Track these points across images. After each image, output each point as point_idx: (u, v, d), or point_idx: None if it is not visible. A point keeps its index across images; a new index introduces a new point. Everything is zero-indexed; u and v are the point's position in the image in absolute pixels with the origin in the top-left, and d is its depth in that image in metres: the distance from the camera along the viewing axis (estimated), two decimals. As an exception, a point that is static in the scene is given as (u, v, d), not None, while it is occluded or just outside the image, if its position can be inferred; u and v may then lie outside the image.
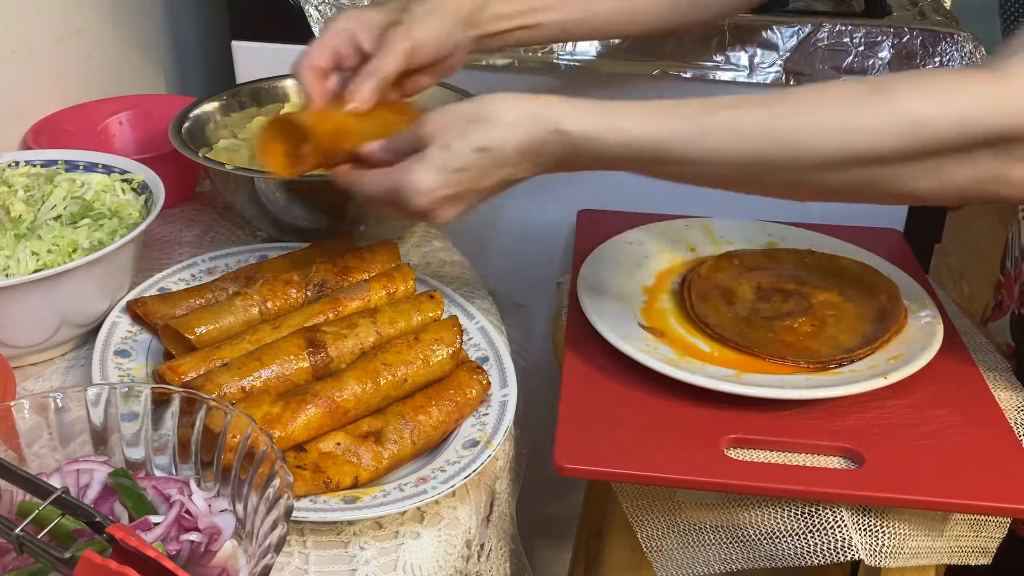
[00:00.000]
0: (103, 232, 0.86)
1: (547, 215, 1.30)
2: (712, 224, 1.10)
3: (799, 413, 0.84)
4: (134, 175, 0.94)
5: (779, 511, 0.81)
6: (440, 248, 1.06)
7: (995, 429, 0.83)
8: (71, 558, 0.55)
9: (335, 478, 0.70)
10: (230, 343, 0.78)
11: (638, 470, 0.78)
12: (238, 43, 1.26)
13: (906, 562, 0.82)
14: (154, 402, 0.67)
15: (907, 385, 0.85)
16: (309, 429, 0.72)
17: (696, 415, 0.83)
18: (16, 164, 0.94)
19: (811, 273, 1.00)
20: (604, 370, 0.88)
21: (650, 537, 0.87)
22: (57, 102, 1.15)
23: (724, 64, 1.17)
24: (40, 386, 0.83)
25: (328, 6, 1.20)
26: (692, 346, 0.91)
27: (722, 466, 0.79)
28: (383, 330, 0.81)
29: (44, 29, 1.13)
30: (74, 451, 0.66)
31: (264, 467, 0.61)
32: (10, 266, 0.80)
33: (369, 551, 0.69)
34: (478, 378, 0.80)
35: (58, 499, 0.58)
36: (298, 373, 0.76)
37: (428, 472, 0.73)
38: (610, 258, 1.02)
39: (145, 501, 0.63)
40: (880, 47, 1.15)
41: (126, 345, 0.83)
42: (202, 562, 0.60)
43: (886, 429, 0.82)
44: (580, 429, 0.82)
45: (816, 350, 0.89)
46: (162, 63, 1.41)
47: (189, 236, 1.06)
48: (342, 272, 0.88)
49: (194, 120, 1.06)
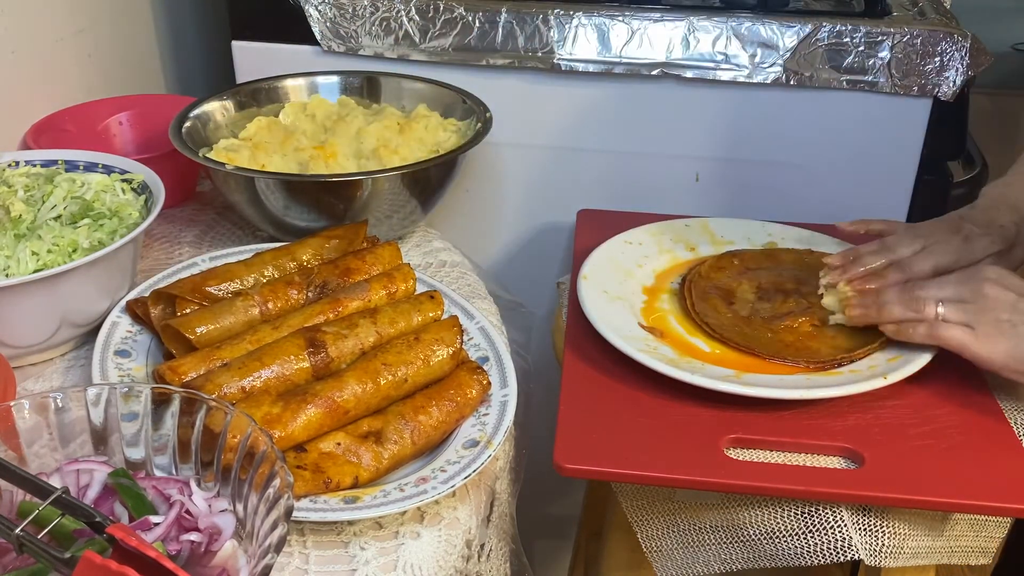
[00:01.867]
0: (103, 232, 0.86)
1: (547, 215, 1.30)
2: (712, 224, 1.10)
3: (799, 413, 0.84)
4: (134, 175, 0.94)
5: (779, 511, 0.81)
6: (440, 248, 1.06)
7: (995, 429, 0.83)
8: (71, 558, 0.55)
9: (335, 478, 0.70)
10: (230, 343, 0.78)
11: (638, 470, 0.78)
12: (238, 43, 1.26)
13: (906, 562, 0.82)
14: (154, 402, 0.67)
15: (907, 385, 0.86)
16: (309, 429, 0.72)
17: (696, 415, 0.83)
18: (16, 164, 0.94)
19: (811, 273, 1.00)
20: (604, 370, 0.88)
21: (650, 537, 0.87)
22: (57, 102, 1.15)
23: (724, 64, 1.17)
24: (40, 386, 0.83)
25: (328, 6, 1.20)
26: (692, 346, 0.91)
27: (722, 466, 0.79)
28: (383, 330, 0.81)
29: (44, 29, 1.13)
30: (74, 451, 0.66)
31: (264, 467, 0.61)
32: (10, 266, 0.80)
33: (369, 551, 0.69)
34: (478, 378, 0.80)
35: (58, 499, 0.58)
36: (298, 373, 0.76)
37: (428, 472, 0.73)
38: (610, 258, 1.02)
39: (145, 501, 0.63)
40: (880, 47, 1.15)
41: (126, 345, 0.83)
42: (202, 562, 0.60)
43: (886, 429, 0.83)
44: (580, 429, 0.82)
45: (816, 350, 0.89)
46: (162, 63, 1.41)
47: (189, 236, 1.06)
48: (344, 274, 0.88)
49: (194, 120, 1.06)
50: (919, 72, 1.15)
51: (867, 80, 1.16)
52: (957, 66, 1.14)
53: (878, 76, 1.16)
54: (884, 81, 1.16)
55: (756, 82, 1.18)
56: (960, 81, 1.15)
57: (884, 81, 1.16)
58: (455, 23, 1.19)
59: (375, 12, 1.20)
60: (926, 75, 1.15)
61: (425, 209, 1.03)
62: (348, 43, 1.22)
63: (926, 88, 1.16)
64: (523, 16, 1.18)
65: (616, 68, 1.19)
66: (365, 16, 1.20)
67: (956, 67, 1.14)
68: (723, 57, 1.17)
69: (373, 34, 1.21)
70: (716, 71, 1.18)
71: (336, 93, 1.16)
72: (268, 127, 1.09)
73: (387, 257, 0.91)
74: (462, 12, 1.18)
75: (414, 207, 1.01)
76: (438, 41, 1.20)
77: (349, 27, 1.21)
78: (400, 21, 1.20)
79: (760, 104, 1.20)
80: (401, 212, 1.01)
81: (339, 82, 1.17)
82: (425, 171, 0.98)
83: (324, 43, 1.22)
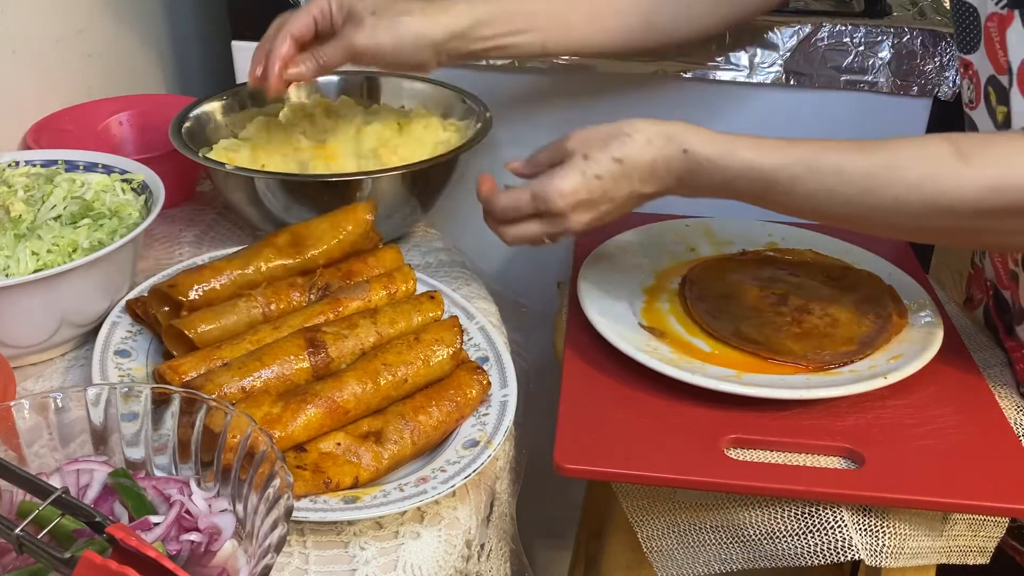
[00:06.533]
0: (103, 232, 0.86)
1: (547, 215, 1.30)
2: (712, 224, 1.10)
3: (799, 413, 0.84)
4: (134, 175, 0.94)
5: (779, 511, 0.81)
6: (440, 248, 1.06)
7: (995, 429, 0.83)
8: (71, 558, 0.55)
9: (335, 478, 0.70)
10: (230, 343, 0.78)
11: (638, 470, 0.78)
12: (238, 43, 1.26)
13: (906, 562, 0.82)
14: (154, 402, 0.67)
15: (907, 385, 0.85)
16: (309, 429, 0.72)
17: (696, 415, 0.83)
18: (16, 164, 0.94)
19: (811, 273, 1.00)
20: (604, 370, 0.88)
21: (650, 537, 0.87)
22: (57, 102, 1.15)
23: (724, 64, 1.17)
24: (40, 386, 0.83)
25: (328, 6, 1.20)
26: (692, 346, 0.91)
27: (722, 466, 0.79)
28: (383, 330, 0.81)
29: (44, 29, 1.13)
30: (74, 451, 0.66)
31: (264, 467, 0.61)
32: (10, 266, 0.80)
33: (369, 551, 0.69)
34: (478, 378, 0.80)
35: (58, 499, 0.58)
36: (298, 373, 0.76)
37: (428, 472, 0.73)
38: (610, 258, 1.02)
39: (145, 501, 0.63)
40: (880, 47, 1.15)
41: (126, 345, 0.83)
42: (202, 562, 0.60)
43: (886, 429, 0.82)
44: (580, 429, 0.82)
45: (816, 350, 0.89)
46: (162, 63, 1.41)
47: (189, 236, 1.06)
48: (346, 276, 0.88)
49: (194, 120, 1.06)
50: (919, 72, 1.15)
51: (867, 80, 1.16)
52: (957, 66, 1.14)
53: (878, 76, 1.16)
54: (884, 81, 1.16)
55: (756, 82, 1.18)
56: (960, 81, 1.15)
57: (884, 81, 1.16)
58: (455, 23, 1.19)
59: (375, 12, 1.20)
60: (926, 75, 1.15)
61: (425, 209, 1.03)
62: (348, 43, 1.22)
63: (926, 88, 1.16)
64: (523, 16, 1.18)
65: (616, 68, 1.18)
66: (365, 16, 1.20)
67: (956, 67, 1.14)
68: (723, 57, 1.17)
69: (373, 34, 1.21)
70: (716, 71, 1.18)
71: (336, 93, 1.16)
72: (268, 127, 1.09)
73: (389, 260, 0.91)
74: (462, 12, 1.18)
75: (414, 207, 1.01)
76: (438, 41, 1.20)
77: (349, 27, 1.21)
78: (400, 21, 1.20)
79: (760, 104, 1.20)
80: (401, 212, 1.01)
81: (339, 82, 1.17)
82: (425, 171, 0.98)
83: (324, 43, 1.22)
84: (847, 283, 0.99)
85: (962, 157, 0.72)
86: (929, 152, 0.73)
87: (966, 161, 0.72)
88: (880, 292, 0.97)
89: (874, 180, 0.74)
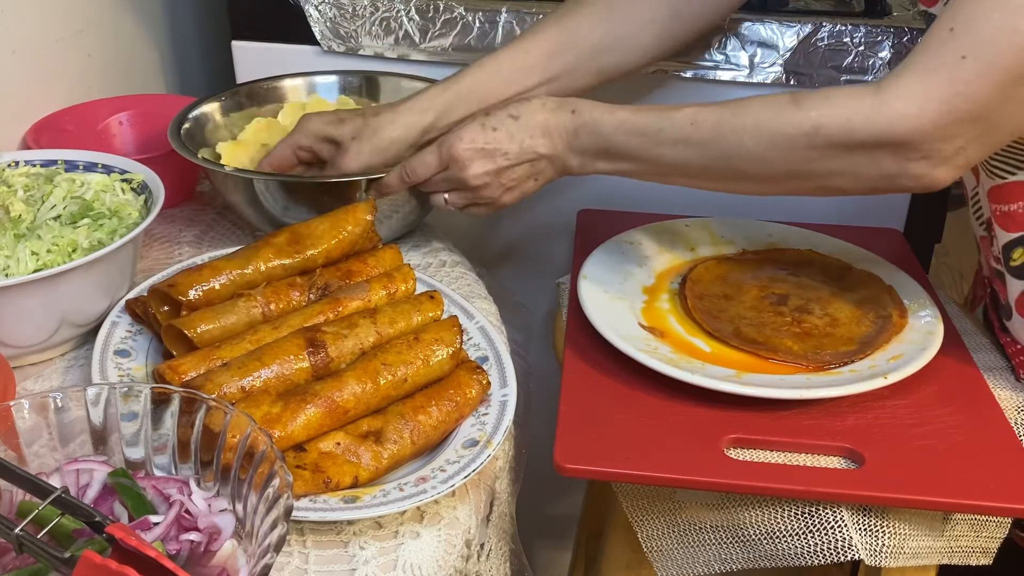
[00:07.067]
0: (103, 232, 0.86)
1: (547, 215, 1.30)
2: (712, 224, 1.10)
3: (799, 413, 0.84)
4: (134, 175, 0.94)
5: (779, 511, 0.81)
6: (440, 248, 1.06)
7: (995, 429, 0.83)
8: (71, 558, 0.54)
9: (335, 478, 0.70)
10: (230, 343, 0.78)
11: (638, 470, 0.78)
12: (238, 43, 1.26)
13: (906, 562, 0.82)
14: (154, 402, 0.67)
15: (907, 385, 0.85)
16: (309, 429, 0.72)
17: (696, 415, 0.83)
18: (16, 164, 0.94)
19: (811, 273, 1.00)
20: (604, 370, 0.88)
21: (650, 537, 0.87)
22: (57, 102, 1.15)
23: (724, 64, 1.17)
24: (40, 386, 0.83)
25: (328, 6, 1.20)
26: (692, 346, 0.91)
27: (722, 466, 0.79)
28: (383, 330, 0.81)
29: (44, 29, 1.13)
30: (74, 451, 0.66)
31: (264, 467, 0.61)
32: (10, 266, 0.80)
33: (369, 551, 0.69)
34: (478, 378, 0.80)
35: (58, 499, 0.58)
36: (298, 373, 0.76)
37: (428, 472, 0.73)
38: (610, 258, 1.02)
39: (145, 501, 0.63)
40: (880, 47, 1.15)
41: (126, 345, 0.83)
42: (202, 562, 0.60)
43: (886, 429, 0.82)
44: (580, 429, 0.82)
45: (816, 350, 0.89)
46: (162, 63, 1.41)
47: (189, 236, 1.06)
48: (345, 276, 0.88)
49: (194, 120, 1.06)
50: (919, 72, 1.15)
51: (867, 80, 1.16)
52: (957, 66, 1.14)
53: (878, 76, 1.16)
54: (884, 81, 1.16)
55: (756, 82, 1.18)
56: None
57: (884, 81, 1.16)
58: (455, 23, 1.19)
59: (375, 12, 1.20)
60: (926, 75, 1.15)
61: (425, 209, 1.03)
62: (348, 43, 1.22)
63: (926, 88, 1.16)
64: (523, 16, 1.18)
65: (616, 68, 1.18)
66: (365, 16, 1.20)
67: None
68: (723, 57, 1.17)
69: (373, 34, 1.21)
70: (716, 71, 1.18)
71: (335, 93, 1.16)
72: (267, 127, 1.09)
73: (388, 260, 0.91)
74: (462, 12, 1.18)
75: (414, 207, 1.01)
76: (438, 41, 1.20)
77: (349, 27, 1.21)
78: (400, 21, 1.20)
79: (760, 104, 1.20)
80: (401, 212, 1.01)
81: (338, 82, 1.17)
82: (425, 171, 0.98)
83: (324, 43, 1.22)
84: (847, 283, 0.99)
85: (795, 102, 0.80)
86: (770, 101, 0.82)
87: (798, 105, 0.79)
88: (880, 292, 0.97)
89: (722, 127, 0.82)
